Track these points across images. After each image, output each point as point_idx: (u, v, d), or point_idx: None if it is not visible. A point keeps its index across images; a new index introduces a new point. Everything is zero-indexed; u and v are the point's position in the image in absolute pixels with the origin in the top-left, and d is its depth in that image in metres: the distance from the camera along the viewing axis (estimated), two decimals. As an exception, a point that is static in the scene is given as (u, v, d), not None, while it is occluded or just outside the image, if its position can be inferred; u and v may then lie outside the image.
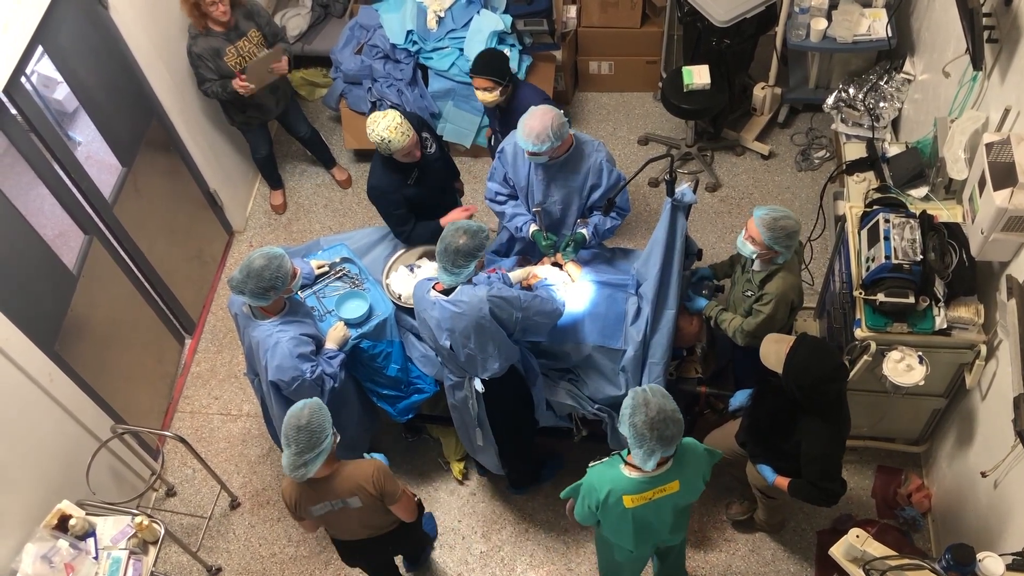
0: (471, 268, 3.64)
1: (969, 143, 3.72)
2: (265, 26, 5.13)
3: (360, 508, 3.51)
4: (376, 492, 3.44)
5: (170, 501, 4.94)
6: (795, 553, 4.51)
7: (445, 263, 3.61)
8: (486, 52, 4.60)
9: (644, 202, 5.84)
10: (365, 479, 3.43)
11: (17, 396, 3.91)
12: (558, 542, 4.62)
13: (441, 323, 3.74)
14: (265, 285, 3.60)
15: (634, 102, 6.40)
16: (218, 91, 5.06)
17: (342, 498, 3.46)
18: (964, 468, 4.06)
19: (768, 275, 3.81)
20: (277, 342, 3.75)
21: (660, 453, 3.08)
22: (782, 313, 3.85)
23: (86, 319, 4.50)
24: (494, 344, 3.75)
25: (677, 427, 3.06)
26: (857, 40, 5.20)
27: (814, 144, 5.98)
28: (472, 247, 3.59)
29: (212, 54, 4.95)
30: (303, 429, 3.22)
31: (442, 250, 3.61)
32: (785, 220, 3.63)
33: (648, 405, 3.04)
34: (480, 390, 3.91)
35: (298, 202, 6.12)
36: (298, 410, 3.28)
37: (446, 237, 3.61)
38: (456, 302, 3.66)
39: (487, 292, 3.63)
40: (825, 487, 3.49)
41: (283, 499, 3.54)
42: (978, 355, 3.74)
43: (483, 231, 3.65)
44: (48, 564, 3.78)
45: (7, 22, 3.80)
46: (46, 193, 4.38)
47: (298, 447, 3.22)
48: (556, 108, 3.94)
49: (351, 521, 3.61)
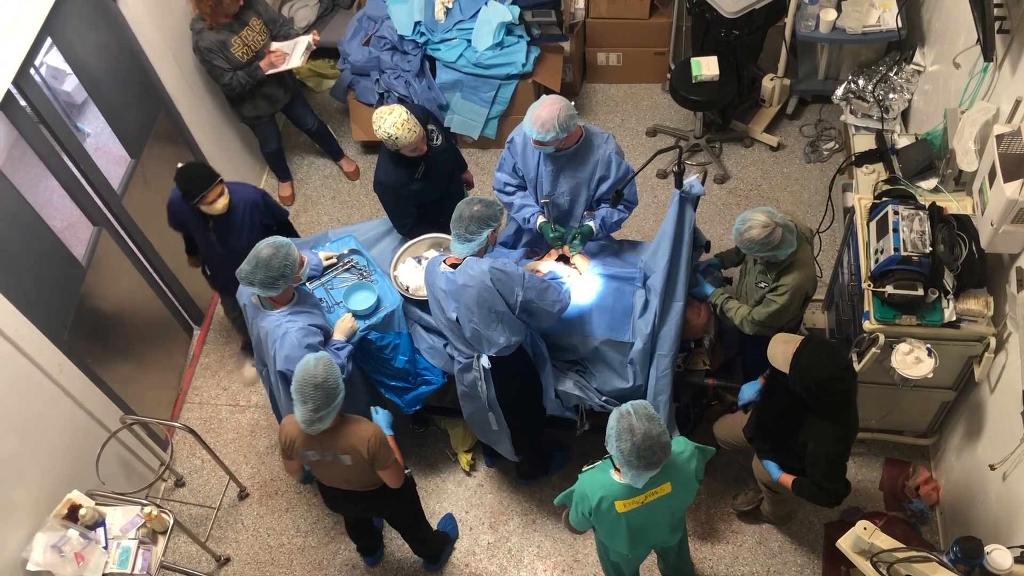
0: (483, 237, 3.70)
1: (979, 135, 3.71)
2: (264, 12, 5.16)
3: (349, 466, 3.60)
4: (368, 456, 3.53)
5: (179, 491, 4.97)
6: (802, 545, 4.51)
7: (459, 230, 3.71)
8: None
9: (652, 194, 5.83)
10: (361, 442, 3.52)
11: (27, 387, 3.93)
12: (565, 533, 4.63)
13: (449, 295, 3.79)
14: (274, 274, 3.62)
15: (642, 94, 6.39)
16: (243, 80, 5.09)
17: (335, 452, 3.54)
18: (972, 461, 4.06)
19: (785, 267, 3.80)
20: (286, 332, 3.76)
21: (648, 474, 3.08)
22: (796, 303, 3.85)
23: (95, 310, 4.52)
24: (498, 318, 3.76)
25: (664, 451, 3.04)
26: (867, 31, 5.17)
27: (823, 136, 5.95)
28: (486, 215, 3.70)
29: (219, 46, 4.96)
30: (320, 387, 3.31)
31: (456, 217, 3.71)
32: (751, 230, 3.61)
33: (633, 432, 3.00)
34: (487, 366, 3.91)
35: (306, 194, 6.13)
36: (312, 367, 3.33)
37: (461, 206, 3.72)
38: (461, 272, 3.72)
39: (489, 264, 3.69)
40: (828, 487, 3.48)
41: (280, 436, 3.64)
42: (987, 347, 3.73)
43: (497, 204, 3.78)
44: (58, 553, 3.81)
45: (16, 14, 3.81)
46: (55, 184, 4.39)
47: (315, 404, 3.32)
48: (565, 100, 3.93)
49: (336, 473, 3.71)
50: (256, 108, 5.36)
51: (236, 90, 5.16)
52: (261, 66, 5.10)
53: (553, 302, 3.84)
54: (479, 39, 5.65)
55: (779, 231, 3.63)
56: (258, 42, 5.10)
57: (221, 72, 5.05)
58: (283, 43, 5.22)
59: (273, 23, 5.23)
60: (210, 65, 5.05)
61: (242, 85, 5.11)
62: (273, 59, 5.11)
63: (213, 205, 4.27)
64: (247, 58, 5.06)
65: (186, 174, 4.25)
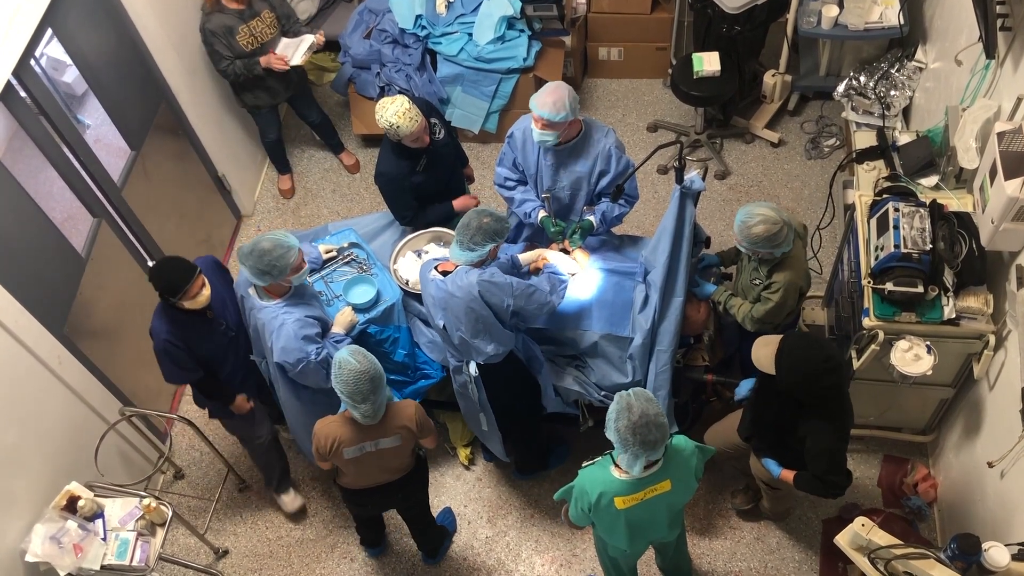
0: (484, 251, 3.68)
1: (980, 132, 3.70)
2: (279, 7, 5.14)
3: (392, 448, 3.63)
4: (416, 429, 3.62)
5: (178, 483, 4.97)
6: (800, 541, 4.52)
7: (463, 237, 3.67)
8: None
9: (653, 189, 5.82)
10: (408, 418, 3.60)
11: (26, 378, 3.93)
12: (563, 528, 4.63)
13: (438, 303, 3.78)
14: (262, 267, 3.65)
15: (643, 89, 6.38)
16: (239, 71, 5.07)
17: (381, 438, 3.58)
18: (971, 458, 4.06)
19: (776, 263, 3.81)
20: (282, 323, 3.77)
21: (645, 457, 3.07)
22: (792, 300, 3.85)
23: (95, 302, 4.51)
24: (485, 329, 3.76)
25: (661, 431, 3.03)
26: (869, 27, 5.16)
27: (824, 132, 5.95)
28: (494, 230, 3.66)
29: (225, 32, 4.95)
30: (373, 378, 3.35)
31: (463, 224, 3.67)
32: (759, 225, 3.61)
33: (631, 410, 3.01)
34: (474, 374, 3.93)
35: (306, 187, 6.12)
36: (356, 364, 3.33)
37: (471, 215, 3.68)
38: (451, 281, 3.71)
39: (478, 276, 3.66)
40: (831, 480, 3.49)
41: (317, 440, 3.61)
42: (986, 345, 3.73)
43: (507, 221, 3.75)
44: (57, 545, 3.81)
45: (18, 5, 3.80)
46: (55, 176, 4.38)
47: (374, 394, 3.37)
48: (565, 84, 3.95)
49: (376, 466, 3.72)
50: (256, 98, 5.35)
51: (231, 78, 5.16)
52: (260, 61, 5.08)
53: (540, 305, 3.85)
54: (480, 33, 5.64)
55: (785, 229, 3.63)
56: (266, 34, 5.09)
57: (219, 58, 5.05)
58: (289, 40, 5.20)
59: (286, 19, 5.21)
60: (210, 48, 5.04)
61: (236, 75, 5.10)
62: (273, 60, 5.07)
63: (198, 297, 3.72)
64: (251, 48, 5.04)
65: (163, 271, 3.70)
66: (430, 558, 4.57)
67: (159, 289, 3.72)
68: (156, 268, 3.75)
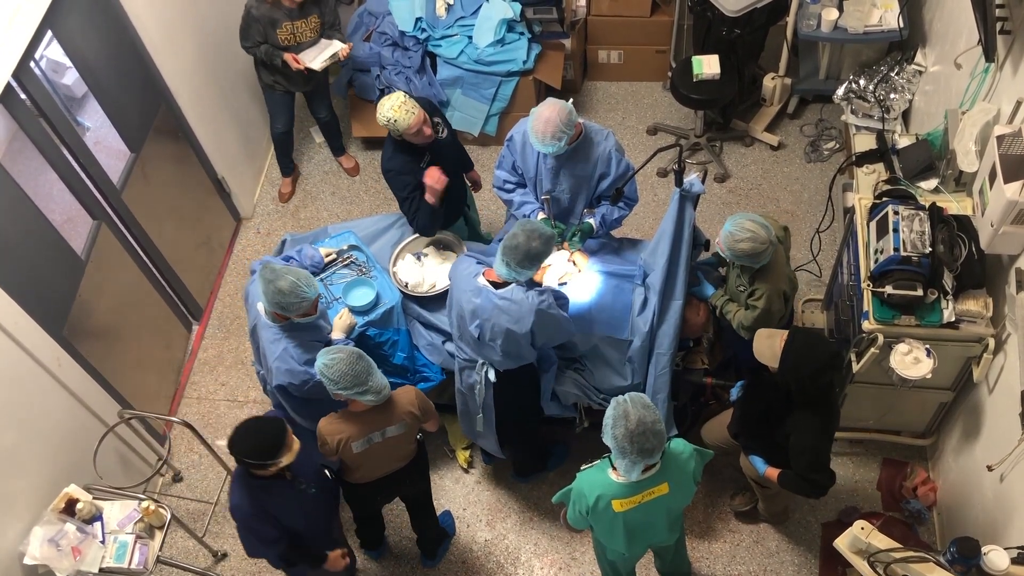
0: (532, 273, 3.64)
1: (980, 135, 3.71)
2: (328, 15, 5.19)
3: (398, 436, 3.66)
4: (419, 413, 3.67)
5: (176, 486, 4.97)
6: (799, 545, 4.51)
7: (510, 259, 3.54)
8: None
9: (652, 192, 5.82)
10: (410, 402, 3.65)
11: (25, 381, 3.93)
12: (562, 531, 4.63)
13: (478, 311, 3.72)
14: (270, 300, 3.63)
15: (643, 92, 6.38)
16: (260, 55, 5.14)
17: (387, 427, 3.61)
18: (970, 461, 4.06)
19: (757, 272, 3.83)
20: (285, 348, 3.77)
21: (642, 464, 3.07)
22: (777, 305, 3.87)
23: (94, 304, 4.51)
24: (520, 351, 3.78)
25: (658, 438, 3.03)
26: (868, 31, 5.17)
27: (824, 135, 5.95)
28: (542, 252, 3.57)
29: (268, 22, 5.01)
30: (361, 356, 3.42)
31: (512, 246, 3.52)
32: (745, 242, 3.65)
33: (628, 418, 3.01)
34: (492, 380, 3.92)
35: (306, 189, 6.12)
36: (338, 357, 3.38)
37: (519, 235, 3.52)
38: (506, 298, 3.64)
39: (538, 303, 3.60)
40: (813, 479, 3.51)
41: (323, 439, 3.60)
42: (986, 348, 3.72)
43: (555, 239, 3.72)
44: (55, 547, 3.81)
45: (17, 6, 3.80)
46: (55, 178, 4.38)
47: (371, 372, 3.43)
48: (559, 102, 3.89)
49: (383, 456, 3.73)
50: (273, 79, 5.38)
51: (248, 53, 5.21)
52: (284, 57, 5.12)
53: (568, 333, 3.89)
54: (480, 36, 5.64)
55: (770, 250, 3.68)
56: (306, 36, 5.14)
57: (249, 38, 5.11)
58: (317, 43, 5.23)
59: (331, 28, 5.25)
60: (245, 26, 5.08)
61: (255, 55, 5.18)
62: (292, 59, 5.11)
63: (291, 451, 3.34)
64: (287, 44, 5.10)
65: (251, 434, 3.27)
66: (429, 560, 4.56)
67: (253, 457, 3.28)
68: (242, 436, 3.27)
